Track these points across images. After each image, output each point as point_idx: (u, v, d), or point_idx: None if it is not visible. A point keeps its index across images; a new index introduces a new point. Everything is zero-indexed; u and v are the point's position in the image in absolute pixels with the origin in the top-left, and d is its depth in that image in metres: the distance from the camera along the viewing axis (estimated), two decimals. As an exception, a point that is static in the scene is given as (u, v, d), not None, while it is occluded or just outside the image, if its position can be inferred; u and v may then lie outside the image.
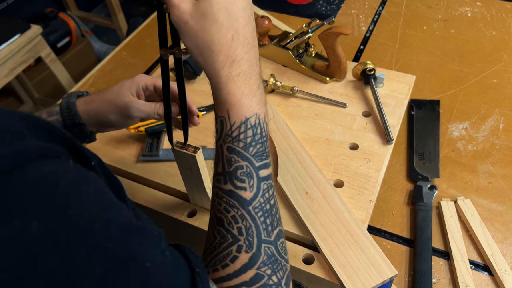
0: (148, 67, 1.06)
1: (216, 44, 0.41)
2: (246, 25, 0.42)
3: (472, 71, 0.94)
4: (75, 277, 0.24)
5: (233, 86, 0.41)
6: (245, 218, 0.39)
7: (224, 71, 0.41)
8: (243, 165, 0.40)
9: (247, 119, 0.41)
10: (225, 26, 0.41)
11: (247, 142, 0.41)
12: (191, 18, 0.41)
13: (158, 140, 0.75)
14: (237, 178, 0.40)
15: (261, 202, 0.40)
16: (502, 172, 0.76)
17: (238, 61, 0.41)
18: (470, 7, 1.11)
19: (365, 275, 0.55)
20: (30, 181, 0.25)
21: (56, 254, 0.24)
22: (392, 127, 0.73)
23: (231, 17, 0.41)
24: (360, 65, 0.79)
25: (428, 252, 0.65)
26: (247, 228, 0.39)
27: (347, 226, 0.60)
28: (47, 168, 0.26)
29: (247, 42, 0.42)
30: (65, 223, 0.25)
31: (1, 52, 1.51)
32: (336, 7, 1.17)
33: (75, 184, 0.27)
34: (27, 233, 0.23)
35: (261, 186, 0.41)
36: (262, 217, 0.40)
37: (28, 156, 0.26)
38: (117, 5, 2.29)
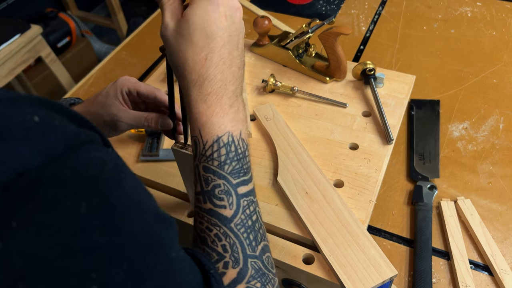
0: (148, 67, 1.06)
1: (188, 63, 0.42)
2: (224, 45, 0.42)
3: (472, 71, 0.94)
4: (115, 256, 0.26)
5: (203, 105, 0.42)
6: (228, 235, 0.39)
7: (194, 90, 0.42)
8: (220, 183, 0.41)
9: (219, 137, 0.41)
10: (199, 45, 0.41)
11: (221, 160, 0.41)
12: (171, 35, 0.42)
13: (158, 140, 0.75)
14: (216, 196, 0.40)
15: (242, 218, 0.41)
16: (502, 172, 0.76)
17: (209, 80, 0.42)
18: (470, 7, 1.11)
19: (365, 275, 0.55)
20: (81, 164, 0.27)
21: (101, 233, 0.26)
22: (392, 127, 0.73)
23: (208, 36, 0.41)
24: (360, 65, 0.79)
25: (428, 252, 0.65)
26: (231, 245, 0.39)
27: (347, 226, 0.59)
28: (95, 154, 0.28)
29: (222, 62, 0.42)
30: (108, 206, 0.27)
31: (1, 52, 1.51)
32: (336, 7, 1.17)
33: (116, 171, 0.29)
34: (77, 212, 0.25)
35: (240, 203, 0.41)
36: (245, 233, 0.40)
37: (80, 140, 0.27)
38: (117, 5, 2.29)
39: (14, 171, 0.23)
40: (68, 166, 0.26)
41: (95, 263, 0.25)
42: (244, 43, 0.93)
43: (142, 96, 0.59)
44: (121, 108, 0.57)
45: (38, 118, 0.26)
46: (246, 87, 0.84)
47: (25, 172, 0.24)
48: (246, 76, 0.87)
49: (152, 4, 2.58)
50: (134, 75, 1.03)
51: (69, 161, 0.26)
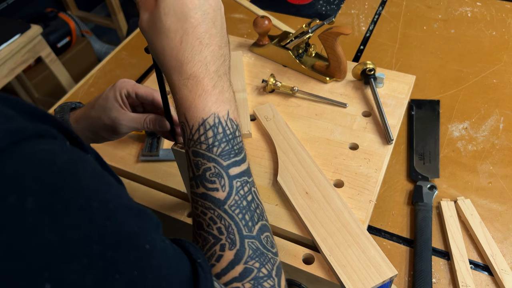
0: (148, 67, 1.06)
1: (166, 50, 0.41)
2: (199, 24, 0.41)
3: (472, 71, 0.94)
4: (72, 254, 0.25)
5: (185, 90, 0.41)
6: (222, 217, 0.39)
7: (175, 76, 0.41)
8: (210, 166, 0.40)
9: (205, 120, 0.41)
10: (172, 29, 0.41)
11: (209, 143, 0.40)
12: (147, 27, 0.42)
13: (158, 140, 0.75)
14: (207, 180, 0.40)
15: (236, 200, 0.40)
16: (502, 172, 0.76)
17: (187, 63, 0.41)
18: (470, 7, 1.11)
19: (365, 275, 0.55)
20: (25, 158, 0.25)
21: (52, 230, 0.24)
22: (392, 127, 0.73)
23: (179, 19, 0.41)
24: (360, 65, 0.79)
25: (428, 252, 0.65)
26: (226, 227, 0.39)
27: (347, 226, 0.60)
28: (44, 147, 0.26)
29: (198, 42, 0.41)
30: (62, 200, 0.25)
31: (1, 52, 1.51)
32: (336, 7, 1.17)
33: (72, 163, 0.28)
34: (22, 209, 0.23)
35: (233, 184, 0.40)
36: (240, 214, 0.40)
37: (25, 135, 0.26)
38: (117, 5, 2.29)
39: None
40: (10, 161, 0.24)
41: (46, 261, 0.24)
42: (244, 43, 0.94)
43: (141, 98, 0.59)
44: (121, 111, 0.57)
45: None
46: (246, 87, 0.84)
47: None
48: (246, 76, 0.87)
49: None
50: (134, 75, 1.03)
51: (11, 156, 0.24)
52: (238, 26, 1.14)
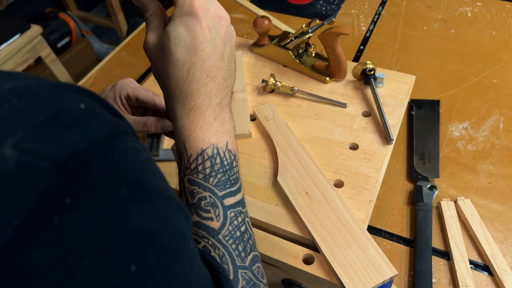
0: (148, 67, 1.06)
1: (171, 78, 0.42)
2: (208, 58, 0.42)
3: (472, 71, 0.94)
4: (150, 241, 0.27)
5: (187, 120, 0.42)
6: (216, 247, 0.40)
7: (178, 105, 0.42)
8: (206, 195, 0.41)
9: (203, 150, 0.41)
10: (181, 60, 0.41)
11: (206, 173, 0.41)
12: (153, 50, 0.42)
13: (158, 140, 0.75)
14: (202, 209, 0.40)
15: (230, 230, 0.41)
16: (502, 172, 0.76)
17: (192, 94, 0.42)
18: (470, 7, 1.11)
19: (365, 275, 0.55)
20: (119, 151, 0.28)
21: (137, 218, 0.27)
22: (392, 127, 0.73)
23: (189, 51, 0.41)
24: (360, 65, 0.79)
25: (428, 252, 0.65)
26: (220, 257, 0.39)
27: (347, 226, 0.60)
28: (130, 143, 0.29)
29: (205, 75, 0.42)
30: (144, 193, 0.28)
31: (1, 52, 1.51)
32: (336, 7, 1.17)
33: (148, 160, 0.30)
34: (118, 196, 0.26)
35: (227, 215, 0.41)
36: (233, 245, 0.40)
37: (118, 129, 0.28)
38: (117, 5, 2.29)
39: (66, 153, 0.24)
40: (111, 152, 0.27)
41: (133, 244, 0.26)
42: (244, 43, 0.94)
43: (141, 103, 0.58)
44: None
45: (84, 105, 0.27)
46: (246, 87, 0.84)
47: (75, 154, 0.25)
48: (246, 76, 0.87)
49: (152, 4, 2.57)
50: (134, 75, 1.03)
51: (112, 147, 0.27)
52: (238, 26, 1.14)
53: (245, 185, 0.67)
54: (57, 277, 0.23)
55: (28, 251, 0.22)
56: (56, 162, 0.24)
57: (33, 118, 0.25)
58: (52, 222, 0.23)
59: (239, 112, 0.78)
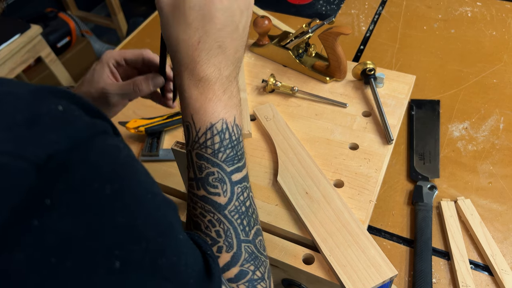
0: (148, 67, 1.06)
1: (181, 45, 0.40)
2: (222, 28, 0.40)
3: (472, 71, 0.94)
4: (136, 237, 0.28)
5: (195, 91, 0.40)
6: (222, 221, 0.39)
7: (186, 73, 0.40)
8: (214, 171, 0.40)
9: (213, 125, 0.40)
10: (193, 26, 0.39)
11: (215, 148, 0.40)
12: (167, 8, 0.40)
13: (158, 140, 0.75)
14: (210, 184, 0.40)
15: (236, 205, 0.40)
16: (502, 172, 0.76)
17: (201, 65, 0.40)
18: (470, 7, 1.11)
19: (365, 275, 0.55)
20: (101, 150, 0.28)
21: (122, 215, 0.27)
22: (392, 127, 0.73)
23: (203, 17, 0.39)
24: (360, 65, 0.79)
25: (428, 252, 0.65)
26: (225, 231, 0.39)
27: (347, 226, 0.59)
28: (110, 142, 0.30)
29: (217, 46, 0.40)
30: (128, 190, 0.29)
31: (1, 52, 1.51)
32: (336, 7, 1.17)
33: (130, 158, 0.31)
34: (103, 194, 0.27)
35: (235, 190, 0.40)
36: (238, 219, 0.40)
37: (97, 129, 0.29)
38: (117, 5, 2.29)
39: (45, 154, 0.25)
40: (91, 152, 0.27)
41: (118, 241, 0.27)
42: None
43: (131, 62, 0.57)
44: (108, 81, 0.55)
45: (62, 107, 0.28)
46: (246, 87, 0.84)
47: (54, 154, 0.25)
48: (246, 76, 0.87)
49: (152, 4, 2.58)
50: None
51: (91, 147, 0.28)
52: (238, 26, 1.14)
53: (245, 185, 0.67)
54: (40, 278, 0.23)
55: (9, 254, 0.22)
56: (35, 163, 0.24)
57: (12, 120, 0.25)
58: (32, 223, 0.23)
59: (239, 112, 0.78)
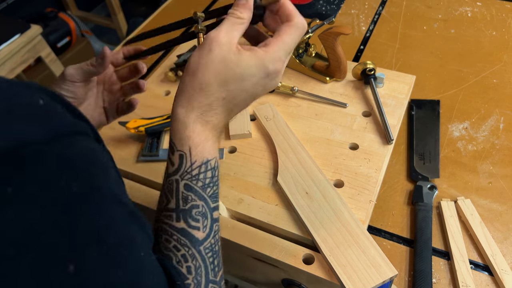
0: (148, 67, 1.06)
1: (209, 88, 0.41)
2: (246, 98, 0.43)
3: (472, 71, 0.94)
4: (95, 239, 0.28)
5: (200, 128, 0.42)
6: (195, 257, 0.39)
7: (197, 111, 0.41)
8: (199, 204, 0.40)
9: (208, 160, 0.42)
10: (227, 85, 0.41)
11: (205, 182, 0.41)
12: (217, 53, 0.40)
13: (158, 140, 0.75)
14: (192, 217, 0.40)
15: (212, 243, 0.41)
16: (502, 172, 0.76)
17: (215, 113, 0.42)
18: (470, 7, 1.11)
19: (365, 275, 0.55)
20: (78, 149, 0.29)
21: (84, 215, 0.28)
22: (392, 127, 0.73)
23: (240, 85, 0.41)
24: (360, 65, 0.79)
25: (428, 252, 0.65)
26: (196, 268, 0.39)
27: (347, 226, 0.60)
28: (89, 145, 0.31)
29: (233, 105, 0.43)
30: (95, 192, 0.29)
31: (1, 52, 1.51)
32: (336, 7, 1.17)
33: (106, 165, 0.32)
34: (68, 191, 0.27)
35: (213, 228, 0.41)
36: (211, 258, 0.40)
37: (77, 129, 0.30)
38: (117, 5, 2.29)
39: (12, 143, 0.25)
40: (67, 148, 0.28)
41: (77, 242, 0.27)
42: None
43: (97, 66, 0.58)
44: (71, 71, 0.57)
45: (43, 101, 0.29)
46: (246, 87, 0.84)
47: (27, 144, 0.26)
48: (246, 76, 0.87)
49: (152, 5, 2.58)
50: (134, 75, 1.03)
51: (69, 144, 0.28)
52: (238, 26, 1.14)
53: (245, 185, 0.67)
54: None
55: None
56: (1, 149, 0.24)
57: None
58: None
59: (239, 112, 0.78)
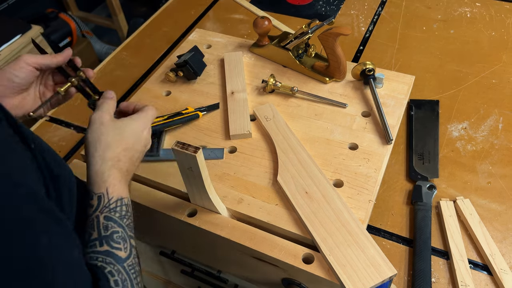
0: (148, 67, 1.06)
1: (111, 145, 0.52)
2: (142, 151, 0.57)
3: (471, 71, 0.95)
4: None
5: (117, 173, 0.51)
6: (120, 272, 0.43)
7: (112, 161, 0.51)
8: (119, 230, 0.47)
9: (123, 198, 0.50)
10: (132, 147, 0.54)
11: (122, 214, 0.48)
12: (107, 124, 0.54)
13: (159, 140, 0.75)
14: (114, 240, 0.46)
15: (133, 262, 0.46)
16: (501, 172, 0.76)
17: (127, 163, 0.53)
18: (470, 8, 1.12)
19: (365, 274, 0.55)
20: None
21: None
22: (392, 127, 0.73)
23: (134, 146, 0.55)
24: (359, 65, 0.80)
25: (427, 251, 0.65)
26: (122, 280, 0.43)
27: (346, 225, 0.60)
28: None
29: (136, 157, 0.55)
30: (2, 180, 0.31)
31: (2, 53, 1.51)
32: (335, 8, 1.17)
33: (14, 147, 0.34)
34: None
35: (133, 251, 0.46)
36: (134, 274, 0.45)
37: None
38: (118, 6, 2.29)
39: None
40: None
41: None
42: (244, 44, 0.94)
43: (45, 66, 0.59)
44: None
45: None
46: (246, 87, 0.84)
47: None
48: (246, 76, 0.87)
49: (152, 5, 2.58)
50: (134, 75, 1.04)
51: None
52: (238, 27, 1.14)
53: (245, 185, 0.67)
54: None
55: None
56: None
57: None
58: None
59: (239, 112, 0.78)
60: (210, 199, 0.61)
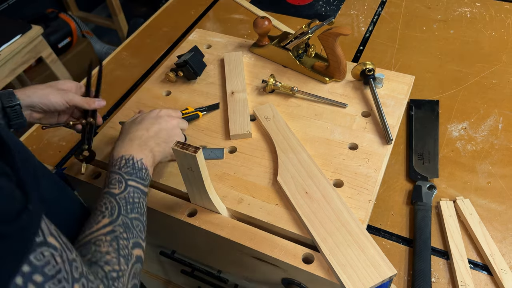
0: (148, 67, 1.06)
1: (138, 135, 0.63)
2: (155, 135, 0.64)
3: (471, 71, 0.95)
4: None
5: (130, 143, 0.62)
6: (111, 202, 0.54)
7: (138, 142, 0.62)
8: (116, 177, 0.57)
9: (123, 156, 0.60)
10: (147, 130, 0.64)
11: (120, 166, 0.58)
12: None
13: (159, 140, 0.75)
14: (111, 183, 0.56)
15: (125, 195, 0.55)
16: (501, 172, 0.76)
17: (150, 146, 0.63)
18: (470, 8, 1.12)
19: (365, 274, 0.55)
20: None
21: None
22: (392, 127, 0.73)
23: (158, 133, 0.64)
24: (359, 65, 0.80)
25: (427, 251, 0.65)
26: (112, 207, 0.53)
27: (346, 225, 0.60)
28: None
29: (159, 142, 0.64)
30: None
31: (2, 53, 1.51)
32: (335, 8, 1.17)
33: None
34: None
35: (128, 188, 0.56)
36: (124, 203, 0.54)
37: None
38: (118, 6, 2.29)
39: None
40: None
41: None
42: (244, 44, 0.94)
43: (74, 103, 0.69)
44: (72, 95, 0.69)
45: None
46: (246, 87, 0.84)
47: None
48: (246, 76, 0.87)
49: (152, 5, 2.58)
50: (134, 75, 1.04)
51: None
52: (238, 27, 1.14)
53: (245, 185, 0.67)
54: None
55: None
56: None
57: None
58: None
59: (239, 112, 0.78)
60: (210, 199, 0.61)
